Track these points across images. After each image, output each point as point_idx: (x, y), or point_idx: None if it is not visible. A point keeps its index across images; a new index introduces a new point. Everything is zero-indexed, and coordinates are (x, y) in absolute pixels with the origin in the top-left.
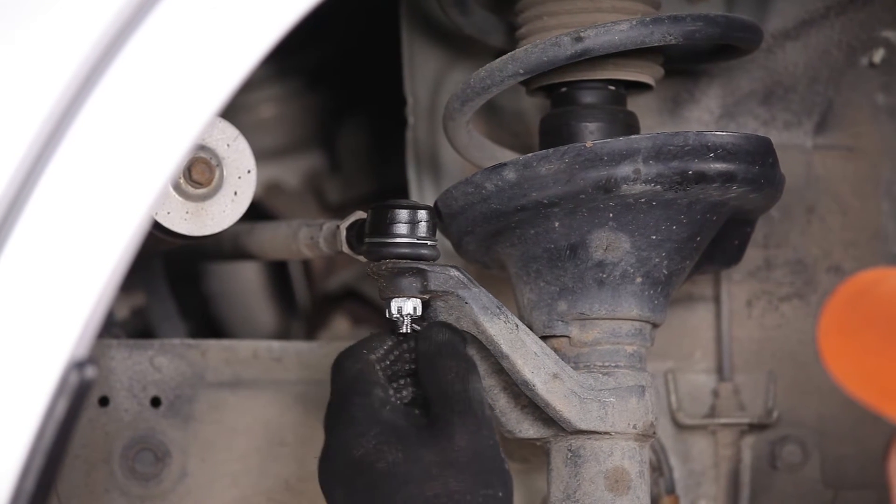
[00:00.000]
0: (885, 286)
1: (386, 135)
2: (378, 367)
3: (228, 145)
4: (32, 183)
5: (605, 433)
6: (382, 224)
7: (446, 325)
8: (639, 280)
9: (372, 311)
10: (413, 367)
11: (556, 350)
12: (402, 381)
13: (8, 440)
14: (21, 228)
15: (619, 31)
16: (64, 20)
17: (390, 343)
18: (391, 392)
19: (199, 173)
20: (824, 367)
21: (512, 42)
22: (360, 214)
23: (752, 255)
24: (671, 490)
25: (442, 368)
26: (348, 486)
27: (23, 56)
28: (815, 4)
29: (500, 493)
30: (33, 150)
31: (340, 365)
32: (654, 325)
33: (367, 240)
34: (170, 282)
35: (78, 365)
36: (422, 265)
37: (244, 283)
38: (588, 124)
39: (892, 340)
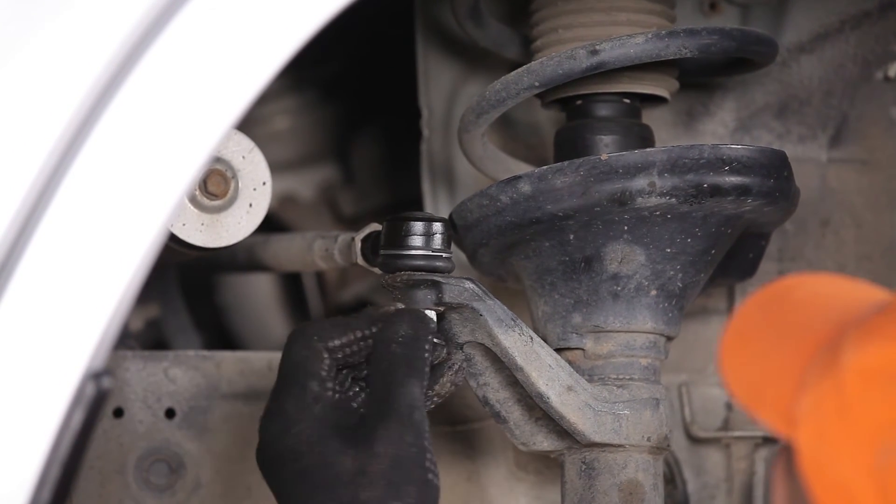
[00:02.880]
0: (797, 293)
1: (401, 147)
2: (327, 356)
3: (244, 157)
4: (50, 194)
5: (620, 446)
6: (397, 236)
7: (413, 314)
8: (653, 293)
9: None
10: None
11: (570, 362)
12: (357, 373)
13: (25, 451)
14: (38, 239)
15: (634, 45)
16: (82, 33)
17: (351, 337)
18: (334, 385)
19: (214, 185)
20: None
21: (527, 55)
22: (375, 226)
23: (767, 268)
24: (685, 503)
25: (382, 364)
26: (277, 477)
27: (41, 67)
28: (830, 18)
29: None
30: (51, 162)
31: (288, 346)
32: (669, 338)
33: (382, 252)
34: (184, 293)
35: (94, 376)
36: (437, 277)
37: (258, 295)
38: (603, 137)
39: (779, 347)
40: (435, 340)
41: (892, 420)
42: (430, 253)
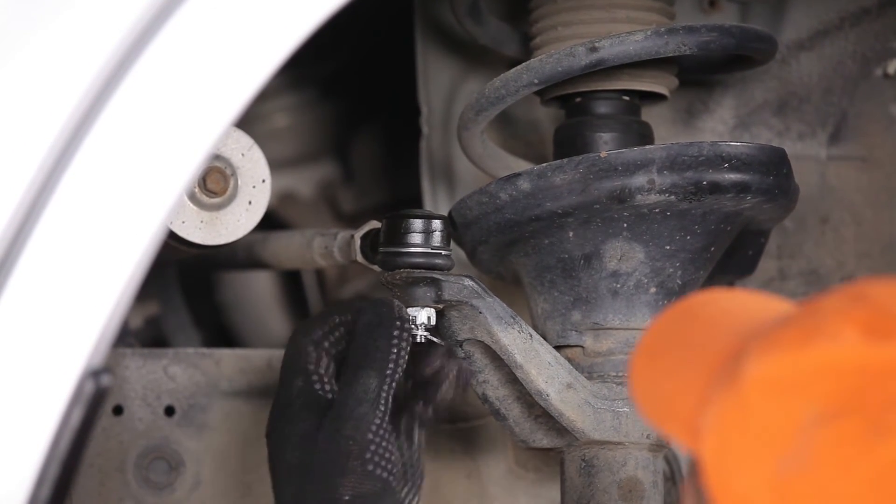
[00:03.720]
0: (708, 308)
1: (400, 144)
2: (313, 349)
3: (243, 155)
4: (49, 192)
5: (619, 443)
6: (397, 234)
7: (376, 303)
8: (653, 290)
9: None
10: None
11: (569, 360)
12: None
13: (24, 448)
14: (37, 237)
15: (633, 42)
16: (81, 31)
17: (331, 324)
18: (323, 378)
19: (213, 182)
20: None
21: (526, 52)
22: (374, 224)
23: (766, 265)
24: None
25: (351, 354)
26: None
27: (39, 65)
28: (829, 15)
29: (346, 497)
30: (50, 159)
31: (286, 345)
32: None
33: (381, 249)
34: (183, 291)
35: (93, 374)
36: (436, 275)
37: (258, 293)
38: (602, 134)
39: (686, 362)
40: (409, 327)
41: (790, 430)
42: (430, 250)
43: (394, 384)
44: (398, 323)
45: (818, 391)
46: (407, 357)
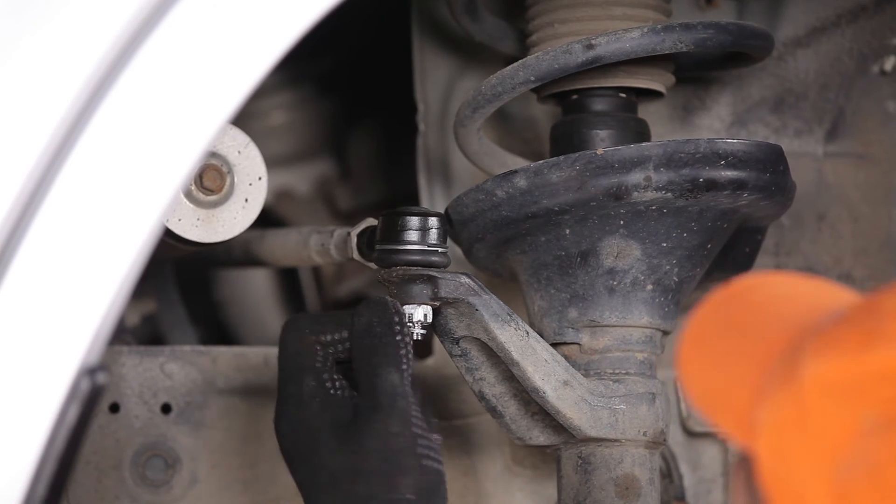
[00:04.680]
0: (755, 295)
1: (396, 142)
2: (321, 349)
3: (239, 152)
4: (44, 189)
5: (616, 440)
6: (393, 231)
7: (373, 303)
8: (649, 287)
9: None
10: None
11: (566, 357)
12: (348, 367)
13: (20, 446)
14: (33, 235)
15: (630, 39)
16: (76, 27)
17: (343, 334)
18: (331, 377)
19: (210, 180)
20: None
21: (523, 49)
22: (370, 221)
23: (763, 262)
24: (681, 497)
25: (359, 355)
26: (294, 475)
27: (35, 63)
28: (826, 12)
29: (410, 496)
30: (45, 157)
31: (283, 338)
32: (665, 333)
33: (377, 247)
34: (180, 288)
35: (89, 371)
36: (432, 272)
37: (254, 290)
38: (599, 132)
39: (737, 353)
40: (407, 322)
41: (850, 435)
42: (426, 248)
43: (409, 377)
44: (397, 318)
45: (878, 396)
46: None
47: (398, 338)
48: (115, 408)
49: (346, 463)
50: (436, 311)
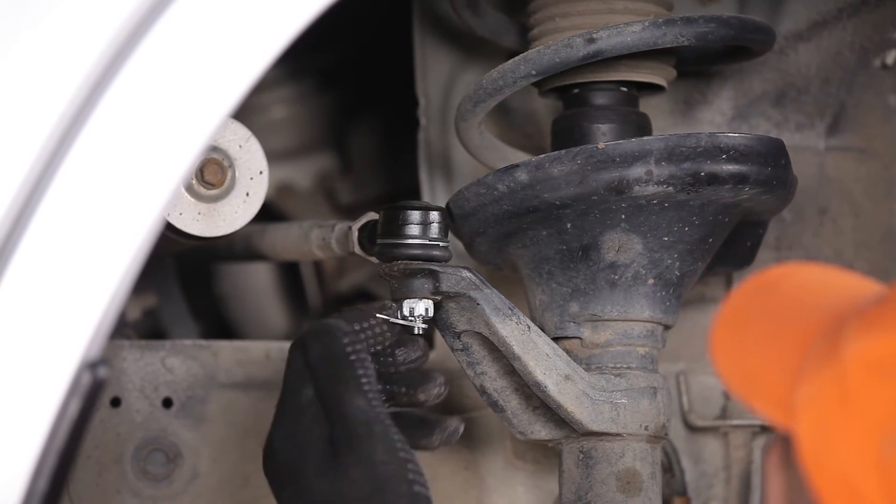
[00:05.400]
0: (790, 281)
1: (398, 136)
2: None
3: (241, 146)
4: (45, 184)
5: (617, 434)
6: (394, 225)
7: (323, 330)
8: (651, 281)
9: None
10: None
11: (567, 351)
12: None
13: (21, 440)
14: (34, 229)
15: (631, 33)
16: (77, 21)
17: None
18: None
19: (211, 174)
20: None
21: (524, 43)
22: (372, 215)
23: (764, 256)
24: (683, 492)
25: (321, 388)
26: (278, 495)
27: (35, 57)
28: (827, 6)
29: None
30: (46, 151)
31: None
32: (666, 327)
33: (378, 241)
34: (181, 283)
35: (90, 365)
36: (434, 266)
37: (256, 285)
38: (600, 126)
39: (774, 336)
40: (359, 333)
41: (893, 412)
42: (427, 242)
43: (377, 394)
44: (346, 339)
45: None
46: (385, 352)
47: (352, 358)
48: (116, 402)
49: (330, 490)
50: (437, 306)
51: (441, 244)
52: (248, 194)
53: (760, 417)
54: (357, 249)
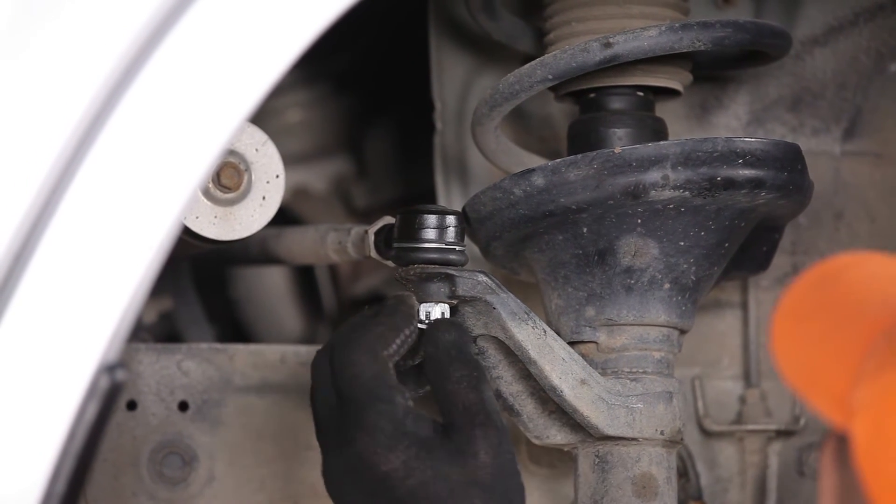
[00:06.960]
0: (853, 273)
1: (414, 140)
2: (391, 365)
3: (257, 150)
4: (63, 188)
5: (633, 439)
6: (411, 229)
7: (452, 325)
8: (667, 286)
9: None
10: (413, 363)
11: (583, 356)
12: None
13: (39, 443)
14: (52, 233)
15: (648, 37)
16: (96, 24)
17: (402, 338)
18: (407, 395)
19: (227, 178)
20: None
21: (540, 47)
22: (388, 219)
23: (780, 261)
24: (698, 496)
25: (453, 376)
26: (381, 499)
27: (54, 61)
28: (843, 11)
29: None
30: (65, 155)
31: (350, 360)
32: (682, 332)
33: (395, 245)
34: (197, 286)
35: (108, 369)
36: (450, 270)
37: (271, 288)
38: (616, 130)
39: (835, 331)
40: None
41: None
42: (444, 246)
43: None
44: (468, 342)
45: None
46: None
47: (476, 353)
48: (132, 405)
49: (464, 474)
50: (453, 310)
51: (457, 248)
52: (264, 198)
53: (816, 413)
54: (373, 253)
